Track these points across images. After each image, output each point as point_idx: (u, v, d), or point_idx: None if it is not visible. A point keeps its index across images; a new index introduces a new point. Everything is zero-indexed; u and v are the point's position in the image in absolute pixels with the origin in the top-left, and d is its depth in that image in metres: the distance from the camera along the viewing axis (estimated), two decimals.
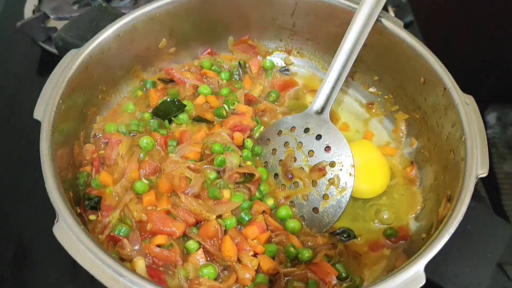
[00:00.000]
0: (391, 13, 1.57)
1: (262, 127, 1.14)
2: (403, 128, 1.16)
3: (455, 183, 0.90)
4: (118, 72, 1.17)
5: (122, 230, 0.93)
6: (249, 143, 1.10)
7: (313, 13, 1.20)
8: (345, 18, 1.11)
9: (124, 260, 0.90)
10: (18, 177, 1.19)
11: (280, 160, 1.07)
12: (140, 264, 0.88)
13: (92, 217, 0.97)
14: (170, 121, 1.12)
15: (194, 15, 1.20)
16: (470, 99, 0.97)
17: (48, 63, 1.45)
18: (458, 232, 0.79)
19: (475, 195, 0.84)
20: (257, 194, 1.03)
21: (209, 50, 1.30)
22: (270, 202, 1.02)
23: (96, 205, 0.98)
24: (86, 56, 1.04)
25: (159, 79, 1.22)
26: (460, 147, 0.93)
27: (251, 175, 1.02)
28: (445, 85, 0.99)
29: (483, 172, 0.87)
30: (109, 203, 0.99)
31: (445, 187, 0.96)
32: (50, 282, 1.02)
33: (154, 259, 0.90)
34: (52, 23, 1.49)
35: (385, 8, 1.21)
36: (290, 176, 1.05)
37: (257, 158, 1.11)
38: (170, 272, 0.89)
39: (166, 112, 1.12)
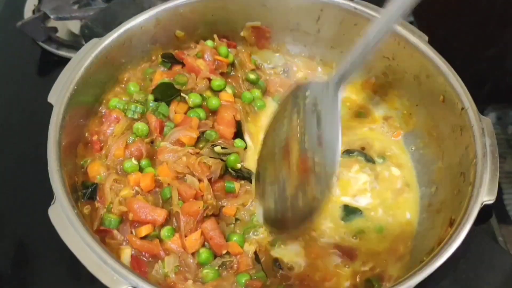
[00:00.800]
0: None
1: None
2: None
3: (460, 208, 0.88)
4: (138, 63, 1.19)
5: (112, 221, 0.93)
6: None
7: (338, 21, 1.20)
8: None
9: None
10: (18, 177, 1.18)
11: (284, 137, 0.98)
12: (126, 253, 0.89)
13: (86, 208, 0.97)
14: (168, 104, 1.11)
15: (219, 14, 1.21)
16: (487, 122, 0.96)
17: (48, 63, 1.45)
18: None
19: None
20: None
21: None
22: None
23: (92, 194, 0.98)
24: (106, 46, 1.07)
25: (162, 56, 1.19)
26: (471, 171, 0.91)
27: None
28: (464, 105, 0.98)
29: (490, 199, 0.84)
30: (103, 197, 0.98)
31: (451, 211, 0.93)
32: (50, 282, 1.02)
33: (138, 250, 0.90)
34: (52, 23, 1.49)
35: None
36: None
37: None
38: (157, 264, 0.89)
39: (163, 94, 1.11)
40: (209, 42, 1.22)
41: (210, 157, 1.01)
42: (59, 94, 0.96)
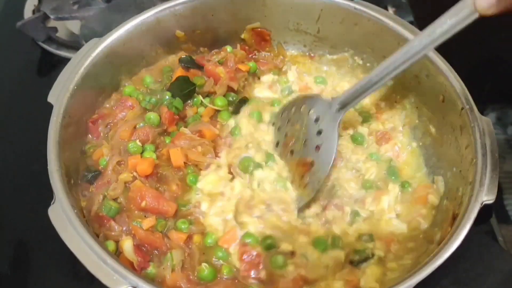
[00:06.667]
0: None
1: None
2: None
3: (460, 207, 0.88)
4: (139, 63, 1.19)
5: (112, 209, 0.93)
6: None
7: (338, 21, 1.20)
8: (370, 28, 1.13)
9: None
10: (18, 177, 1.18)
11: (286, 134, 1.08)
12: (128, 244, 0.89)
13: (83, 201, 0.97)
14: (183, 99, 1.12)
15: (219, 14, 1.21)
16: (487, 122, 0.96)
17: (48, 63, 1.45)
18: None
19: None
20: None
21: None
22: None
23: (92, 179, 0.99)
24: (106, 45, 1.07)
25: (180, 60, 1.20)
26: (470, 171, 0.91)
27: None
28: (463, 105, 0.98)
29: (489, 199, 0.84)
30: (105, 179, 0.99)
31: (453, 207, 0.93)
32: (50, 282, 1.02)
33: (141, 241, 0.91)
34: (52, 23, 1.49)
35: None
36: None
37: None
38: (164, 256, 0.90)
39: (179, 87, 1.12)
40: (228, 48, 1.25)
41: None
42: (59, 94, 0.97)
